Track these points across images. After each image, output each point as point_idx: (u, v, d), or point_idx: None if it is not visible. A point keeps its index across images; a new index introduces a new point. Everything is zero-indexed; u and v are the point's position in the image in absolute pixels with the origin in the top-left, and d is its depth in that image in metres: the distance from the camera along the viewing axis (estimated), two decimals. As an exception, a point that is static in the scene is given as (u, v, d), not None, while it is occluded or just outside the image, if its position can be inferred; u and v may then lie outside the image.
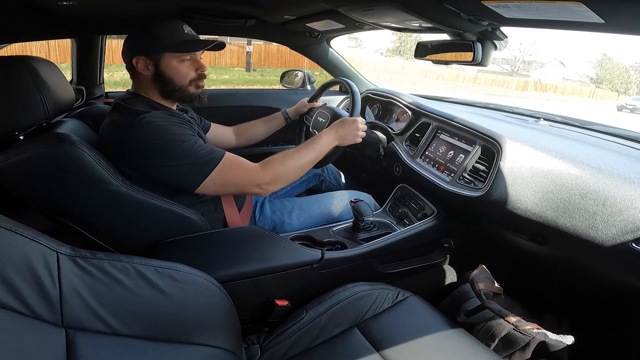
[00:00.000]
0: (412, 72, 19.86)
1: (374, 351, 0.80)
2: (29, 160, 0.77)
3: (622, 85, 27.22)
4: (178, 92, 0.99)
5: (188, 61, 0.99)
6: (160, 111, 0.95)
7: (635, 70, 30.07)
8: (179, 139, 0.89)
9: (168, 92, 0.99)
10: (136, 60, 0.94)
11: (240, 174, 0.96)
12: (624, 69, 28.54)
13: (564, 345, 0.90)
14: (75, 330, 0.53)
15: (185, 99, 1.02)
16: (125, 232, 0.92)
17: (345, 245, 1.09)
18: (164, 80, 0.97)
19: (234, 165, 0.95)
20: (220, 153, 0.93)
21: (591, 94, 24.19)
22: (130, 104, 0.93)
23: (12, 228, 0.51)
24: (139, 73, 0.96)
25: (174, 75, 0.97)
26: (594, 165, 0.83)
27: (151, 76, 0.97)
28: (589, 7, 0.60)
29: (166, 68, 0.96)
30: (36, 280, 0.51)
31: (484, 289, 1.04)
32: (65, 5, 1.01)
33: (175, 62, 0.97)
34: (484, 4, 0.73)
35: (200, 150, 0.90)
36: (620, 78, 27.67)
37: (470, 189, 1.04)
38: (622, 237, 0.74)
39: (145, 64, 0.95)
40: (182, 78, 0.98)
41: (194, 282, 0.69)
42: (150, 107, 0.95)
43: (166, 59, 0.96)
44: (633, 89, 27.35)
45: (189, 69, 0.99)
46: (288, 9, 1.30)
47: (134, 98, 0.97)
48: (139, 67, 0.95)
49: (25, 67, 0.82)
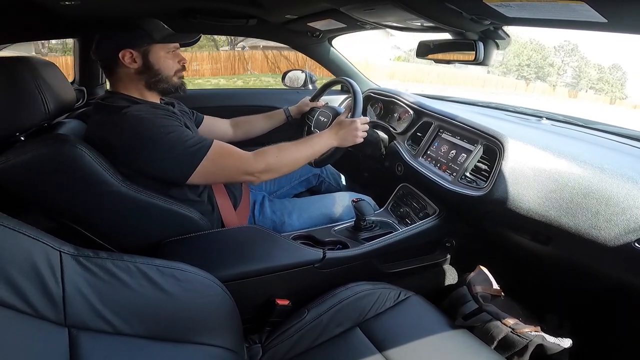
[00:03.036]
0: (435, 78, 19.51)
1: (376, 351, 0.80)
2: (29, 162, 0.77)
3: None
4: (164, 83, 1.02)
5: (172, 53, 1.03)
6: (142, 104, 0.95)
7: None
8: (164, 130, 0.89)
9: (153, 84, 1.01)
10: (123, 53, 0.95)
11: (232, 162, 0.96)
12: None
13: (561, 348, 0.90)
14: (78, 330, 0.54)
15: (169, 89, 1.04)
16: (126, 231, 0.93)
17: (347, 245, 1.09)
18: (152, 71, 0.99)
19: (224, 154, 0.95)
20: (208, 142, 0.93)
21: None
22: (110, 102, 0.94)
23: (16, 227, 0.51)
24: (122, 68, 0.97)
25: (161, 66, 1.00)
26: (596, 164, 0.82)
27: (137, 69, 0.98)
28: (591, 6, 0.60)
29: (154, 59, 0.99)
30: (39, 280, 0.51)
31: (481, 291, 1.03)
32: (68, 5, 1.01)
33: (163, 53, 1.00)
34: (486, 3, 0.73)
35: (187, 140, 0.90)
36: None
37: (472, 189, 1.04)
38: (625, 237, 0.74)
39: (132, 56, 0.96)
40: (169, 69, 1.02)
41: (197, 281, 0.69)
42: (130, 103, 0.95)
43: (154, 50, 0.98)
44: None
45: (173, 61, 1.03)
46: (289, 9, 1.30)
47: (113, 96, 0.98)
48: (125, 60, 0.96)
49: (27, 67, 0.82)
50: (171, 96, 1.11)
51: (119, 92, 0.99)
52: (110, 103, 0.93)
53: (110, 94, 1.00)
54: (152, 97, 1.03)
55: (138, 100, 0.98)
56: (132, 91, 0.99)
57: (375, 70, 15.18)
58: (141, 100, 0.99)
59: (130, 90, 0.99)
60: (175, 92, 1.06)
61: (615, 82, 38.70)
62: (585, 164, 0.83)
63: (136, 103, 0.96)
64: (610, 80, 38.77)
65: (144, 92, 1.01)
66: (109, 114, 0.91)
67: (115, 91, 0.99)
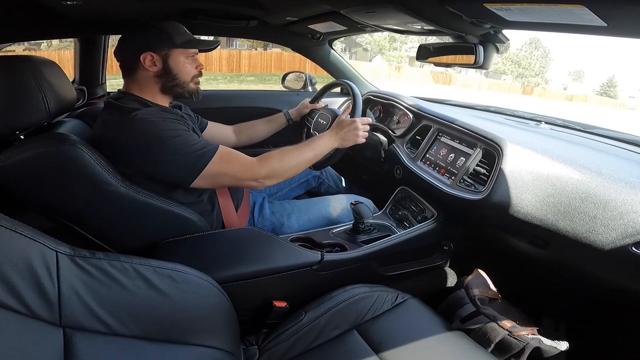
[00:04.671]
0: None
1: (372, 353, 0.80)
2: (28, 160, 0.77)
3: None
4: (180, 87, 1.02)
5: (191, 58, 1.03)
6: (152, 108, 0.95)
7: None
8: (172, 134, 0.89)
9: (169, 88, 1.01)
10: (144, 56, 0.95)
11: (237, 167, 0.96)
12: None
13: (558, 351, 0.91)
14: (73, 330, 0.53)
15: (184, 94, 1.04)
16: (125, 232, 0.93)
17: (345, 247, 1.08)
18: (170, 75, 0.99)
19: (229, 158, 0.96)
20: (214, 146, 0.94)
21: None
22: (122, 103, 0.94)
23: (12, 227, 0.51)
24: (141, 70, 0.97)
25: (180, 70, 1.00)
26: (594, 169, 0.82)
27: (156, 72, 0.98)
28: (591, 10, 0.60)
29: (174, 64, 0.99)
30: (35, 280, 0.51)
31: (478, 294, 1.04)
32: (69, 5, 1.01)
33: (182, 58, 1.00)
34: (487, 6, 0.73)
35: (194, 144, 0.91)
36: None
37: (471, 192, 1.04)
38: (622, 241, 0.74)
39: (152, 59, 0.96)
40: (187, 74, 1.02)
41: (193, 282, 0.69)
42: (142, 105, 0.95)
43: (175, 55, 0.98)
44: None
45: (191, 66, 1.03)
46: (290, 11, 1.30)
47: (125, 97, 0.97)
48: (146, 62, 0.96)
49: (28, 66, 0.82)
50: (180, 100, 1.11)
51: (131, 94, 0.99)
52: (122, 104, 0.94)
53: (123, 94, 0.99)
54: (162, 100, 1.03)
55: (149, 103, 0.98)
56: (146, 94, 0.99)
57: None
58: (152, 103, 0.99)
59: (143, 93, 0.99)
60: (189, 98, 1.06)
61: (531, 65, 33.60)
62: (583, 169, 0.83)
63: (147, 106, 0.96)
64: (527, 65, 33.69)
65: (156, 96, 1.01)
66: (120, 115, 0.91)
67: (128, 92, 0.99)
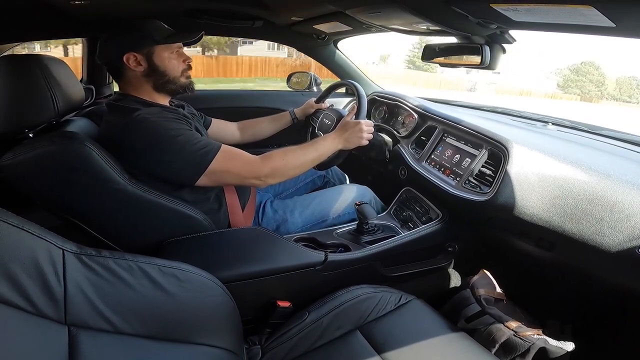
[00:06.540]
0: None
1: (375, 354, 0.79)
2: (37, 158, 0.78)
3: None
4: (172, 84, 1.02)
5: (176, 52, 1.03)
6: (154, 107, 0.96)
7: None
8: (174, 133, 0.90)
9: (161, 85, 1.01)
10: (127, 57, 0.95)
11: (240, 165, 0.97)
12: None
13: (564, 351, 0.90)
14: (78, 328, 0.54)
15: (178, 90, 1.04)
16: (131, 230, 0.93)
17: (349, 248, 1.08)
18: (158, 73, 0.99)
19: (232, 157, 0.96)
20: (216, 145, 0.94)
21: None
22: (124, 104, 0.95)
23: (19, 225, 0.51)
24: (128, 71, 0.97)
25: (167, 67, 1.00)
26: (602, 170, 0.81)
27: (143, 71, 0.98)
28: (600, 10, 0.59)
29: (159, 61, 0.99)
30: (41, 278, 0.51)
31: (484, 294, 1.03)
32: (77, 5, 1.02)
33: (167, 54, 1.00)
34: (493, 7, 0.73)
35: (196, 143, 0.91)
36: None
37: (476, 194, 1.03)
38: (629, 243, 0.73)
39: (136, 59, 0.96)
40: (175, 69, 1.02)
41: (197, 281, 0.69)
42: (143, 105, 0.96)
43: (158, 52, 0.98)
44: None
45: (178, 61, 1.03)
46: (295, 11, 1.30)
47: (126, 98, 0.98)
48: (130, 63, 0.96)
49: (37, 65, 0.83)
50: (179, 97, 1.11)
51: (130, 95, 0.99)
52: (123, 105, 0.94)
53: (122, 96, 1.00)
54: (161, 99, 1.03)
55: (149, 103, 0.99)
56: (142, 93, 1.00)
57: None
58: (152, 103, 0.99)
59: (140, 92, 1.00)
60: (183, 92, 1.06)
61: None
62: (590, 170, 0.83)
63: (148, 105, 0.96)
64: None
65: (153, 94, 1.01)
66: (122, 116, 0.92)
67: (126, 93, 1.00)
